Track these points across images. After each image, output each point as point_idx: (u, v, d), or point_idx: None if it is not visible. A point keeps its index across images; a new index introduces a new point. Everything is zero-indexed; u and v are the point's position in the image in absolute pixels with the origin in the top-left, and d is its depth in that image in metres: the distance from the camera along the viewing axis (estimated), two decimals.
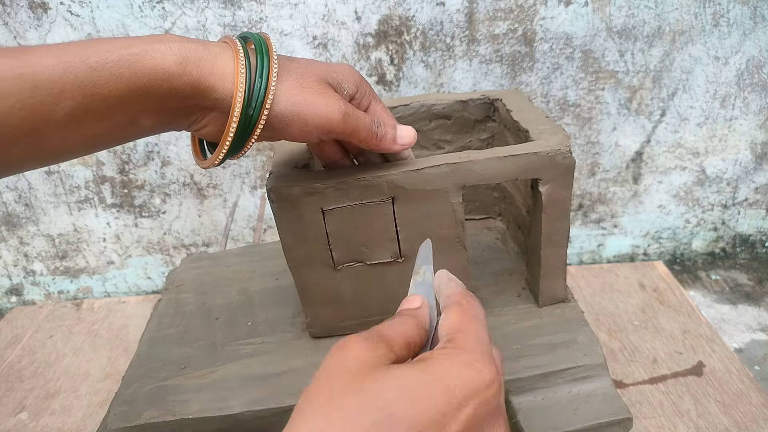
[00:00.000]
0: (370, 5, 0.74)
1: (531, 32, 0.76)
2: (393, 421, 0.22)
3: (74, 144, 0.31)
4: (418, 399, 0.22)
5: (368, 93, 0.39)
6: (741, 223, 0.92)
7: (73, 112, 0.29)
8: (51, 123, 0.29)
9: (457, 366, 0.24)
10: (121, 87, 0.30)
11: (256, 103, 0.33)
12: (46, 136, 0.29)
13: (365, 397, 0.22)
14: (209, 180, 0.86)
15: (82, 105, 0.29)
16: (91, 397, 0.70)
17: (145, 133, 0.34)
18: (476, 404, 0.23)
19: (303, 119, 0.34)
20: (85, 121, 0.30)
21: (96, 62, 0.29)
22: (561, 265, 0.47)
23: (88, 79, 0.29)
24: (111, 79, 0.30)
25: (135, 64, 0.30)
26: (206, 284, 0.58)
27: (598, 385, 0.42)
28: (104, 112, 0.30)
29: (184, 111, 0.33)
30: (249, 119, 0.33)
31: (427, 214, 0.42)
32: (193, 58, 0.31)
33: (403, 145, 0.40)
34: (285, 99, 0.34)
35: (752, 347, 0.75)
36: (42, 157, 0.31)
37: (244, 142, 0.34)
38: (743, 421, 0.59)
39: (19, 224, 0.89)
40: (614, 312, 0.77)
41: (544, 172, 0.42)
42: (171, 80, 0.31)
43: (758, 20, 0.76)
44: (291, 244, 0.43)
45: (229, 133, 0.33)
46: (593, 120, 0.82)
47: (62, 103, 0.29)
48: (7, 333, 0.83)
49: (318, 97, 0.35)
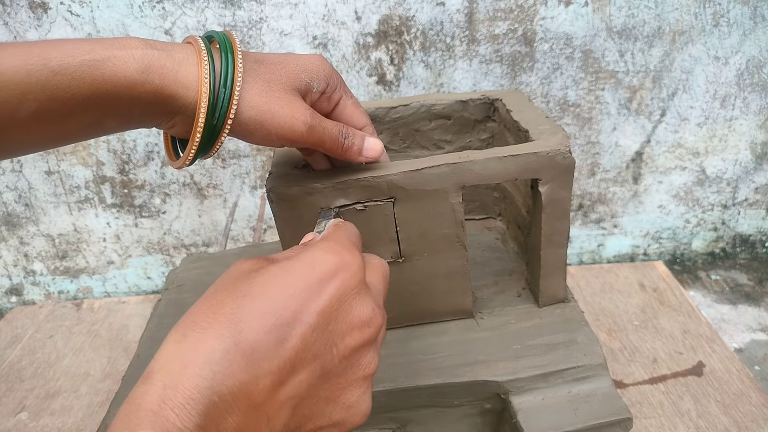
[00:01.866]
0: (370, 5, 0.74)
1: (531, 32, 0.76)
2: (257, 301, 0.24)
3: (41, 140, 0.32)
4: (281, 281, 0.25)
5: (339, 87, 0.38)
6: (741, 223, 0.92)
7: (36, 113, 0.29)
8: (15, 121, 0.29)
9: (318, 251, 0.26)
10: (83, 91, 0.30)
11: (219, 112, 0.32)
12: (11, 132, 0.30)
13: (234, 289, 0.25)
14: (209, 180, 0.86)
15: (45, 107, 0.29)
16: (91, 397, 0.70)
17: (112, 131, 0.34)
18: (337, 282, 0.25)
19: (266, 129, 0.34)
20: (49, 122, 0.30)
21: (57, 66, 0.29)
22: (561, 265, 0.47)
23: (50, 82, 0.29)
24: (72, 83, 0.29)
25: (96, 70, 0.30)
26: (206, 284, 0.57)
27: (598, 385, 0.42)
28: (68, 113, 0.30)
29: (150, 115, 0.33)
30: (213, 128, 0.33)
31: (427, 214, 0.42)
32: (155, 66, 0.31)
33: (368, 158, 0.40)
34: (249, 108, 0.33)
35: (752, 347, 0.75)
36: (10, 150, 0.32)
37: (210, 146, 0.34)
38: (743, 421, 0.59)
39: (19, 224, 0.89)
40: (614, 312, 0.77)
41: (544, 172, 0.42)
42: (133, 88, 0.31)
43: (758, 20, 0.76)
44: (291, 244, 0.43)
45: (195, 141, 0.33)
46: (593, 120, 0.82)
47: (25, 104, 0.29)
48: (7, 333, 0.83)
49: (283, 107, 0.34)
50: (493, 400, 0.43)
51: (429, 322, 0.48)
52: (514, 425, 0.41)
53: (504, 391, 0.42)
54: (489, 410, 0.44)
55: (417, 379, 0.43)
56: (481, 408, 0.44)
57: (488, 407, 0.44)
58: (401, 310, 0.47)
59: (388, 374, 0.43)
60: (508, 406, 0.42)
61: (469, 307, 0.47)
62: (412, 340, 0.46)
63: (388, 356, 0.45)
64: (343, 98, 0.39)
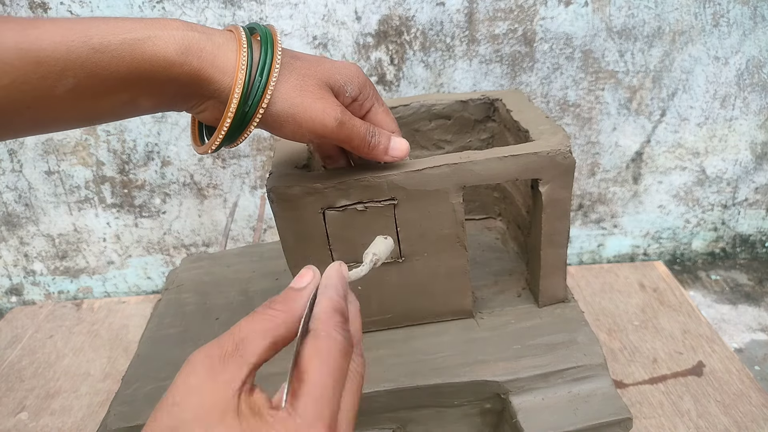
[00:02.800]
0: (370, 5, 0.74)
1: (531, 32, 0.76)
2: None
3: (74, 117, 0.32)
4: None
5: (371, 95, 0.39)
6: (741, 223, 0.92)
7: (74, 90, 0.30)
8: (52, 98, 0.29)
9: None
10: (122, 69, 0.30)
11: (253, 100, 0.33)
12: (47, 109, 0.30)
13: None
14: (209, 180, 0.86)
15: (83, 83, 0.30)
16: (91, 397, 0.70)
17: (145, 112, 0.34)
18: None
19: (297, 122, 0.34)
20: (85, 98, 0.31)
21: (98, 43, 0.29)
22: (561, 265, 0.47)
23: (90, 59, 0.29)
24: (112, 61, 0.30)
25: (136, 50, 0.30)
26: (206, 284, 0.58)
27: (598, 385, 0.42)
28: (104, 91, 0.31)
29: (183, 97, 0.33)
30: (244, 115, 0.33)
31: (427, 215, 0.43)
32: (195, 49, 0.31)
33: (394, 157, 0.40)
34: (282, 99, 0.34)
35: (752, 347, 0.75)
36: (43, 126, 0.32)
37: (238, 134, 0.34)
38: (743, 421, 0.59)
39: (19, 224, 0.89)
40: (614, 312, 0.77)
41: (544, 172, 0.42)
42: (171, 68, 0.31)
43: (758, 20, 0.76)
44: (291, 244, 0.43)
45: (224, 126, 0.33)
46: (593, 120, 0.82)
47: (64, 80, 0.29)
48: (7, 333, 0.83)
49: (316, 101, 0.35)
50: (493, 400, 0.43)
51: (429, 322, 0.48)
52: (514, 425, 0.41)
53: (504, 391, 0.42)
54: (489, 410, 0.44)
55: (417, 379, 0.43)
56: (481, 408, 0.44)
57: (488, 407, 0.44)
58: (401, 310, 0.47)
59: (388, 374, 0.43)
60: (508, 406, 0.42)
61: (469, 307, 0.48)
62: (412, 340, 0.46)
63: (388, 356, 0.45)
64: (375, 106, 0.39)
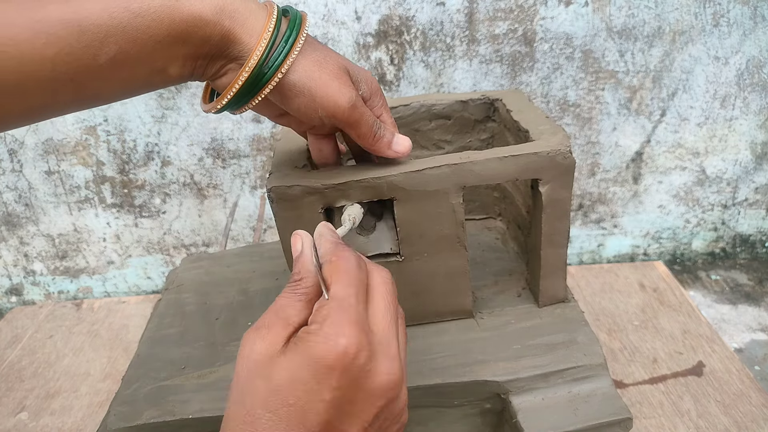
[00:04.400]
0: (370, 5, 0.74)
1: (531, 32, 0.76)
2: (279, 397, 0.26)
3: (111, 90, 0.33)
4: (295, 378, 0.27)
5: (381, 104, 0.40)
6: (741, 223, 0.92)
7: (115, 57, 0.31)
8: (94, 68, 0.30)
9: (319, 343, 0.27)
10: (161, 32, 0.31)
11: (274, 63, 0.34)
12: (88, 80, 0.31)
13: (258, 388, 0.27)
14: (209, 180, 0.86)
15: (123, 50, 0.31)
16: (91, 397, 0.70)
17: (172, 82, 0.35)
18: (340, 371, 0.27)
19: (312, 95, 0.35)
20: (124, 67, 0.31)
21: (138, 8, 0.30)
22: (561, 265, 0.47)
23: (131, 24, 0.30)
24: (152, 24, 0.31)
25: (174, 11, 0.31)
26: (206, 284, 0.58)
27: (598, 385, 0.42)
28: (141, 57, 0.32)
29: (210, 59, 0.34)
30: (261, 76, 0.34)
31: (427, 215, 0.43)
32: (228, 9, 0.33)
33: (397, 152, 0.41)
34: (302, 70, 0.35)
35: (752, 347, 0.75)
36: (82, 101, 0.33)
37: (250, 96, 0.35)
38: (743, 421, 0.59)
39: (19, 224, 0.89)
40: (614, 312, 0.77)
41: (544, 172, 0.42)
42: (205, 27, 0.32)
43: (758, 20, 0.76)
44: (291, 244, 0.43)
45: (238, 81, 0.34)
46: (593, 120, 0.82)
47: (106, 48, 0.30)
48: (7, 333, 0.83)
49: (334, 80, 0.35)
50: (493, 400, 0.43)
51: (429, 322, 0.48)
52: (514, 425, 0.41)
53: (504, 391, 0.42)
54: (489, 410, 0.44)
55: (417, 379, 0.43)
56: (481, 408, 0.44)
57: (488, 407, 0.44)
58: (401, 310, 0.47)
59: None
60: (508, 406, 0.42)
61: (469, 307, 0.48)
62: (412, 340, 0.46)
63: None
64: (383, 115, 0.41)
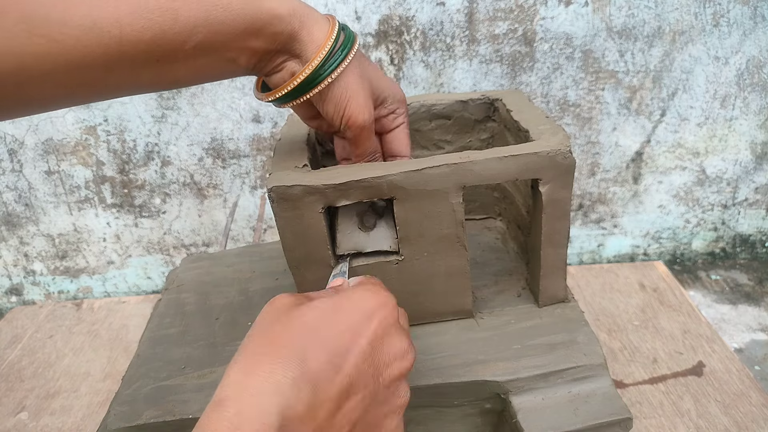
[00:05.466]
0: (370, 5, 0.74)
1: (531, 32, 0.76)
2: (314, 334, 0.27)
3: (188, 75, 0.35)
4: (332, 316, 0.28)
5: (404, 115, 0.44)
6: (741, 223, 0.92)
7: (198, 45, 0.33)
8: (180, 53, 0.33)
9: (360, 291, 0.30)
10: (240, 26, 0.34)
11: (329, 68, 0.37)
12: (171, 64, 0.33)
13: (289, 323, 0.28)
14: (209, 180, 0.86)
15: (206, 39, 0.33)
16: (91, 397, 0.70)
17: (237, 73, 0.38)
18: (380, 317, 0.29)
19: (344, 104, 0.39)
20: (204, 54, 0.34)
21: (227, 2, 0.33)
22: (561, 265, 0.47)
23: (218, 17, 0.33)
24: (236, 18, 0.34)
25: (256, 7, 0.34)
26: (206, 284, 0.58)
27: (598, 385, 0.42)
28: (219, 46, 0.34)
29: (275, 53, 0.37)
30: (317, 76, 0.37)
31: (427, 215, 0.42)
32: (300, 13, 0.36)
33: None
34: (346, 81, 0.39)
35: (752, 347, 0.75)
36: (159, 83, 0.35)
37: (301, 93, 0.39)
38: (743, 421, 0.59)
39: (19, 224, 0.89)
40: (614, 312, 0.77)
41: (544, 172, 0.42)
42: (278, 24, 0.35)
43: (758, 20, 0.76)
44: (291, 244, 0.43)
45: (300, 77, 0.37)
46: (593, 120, 0.82)
47: (194, 36, 0.33)
48: (7, 333, 0.83)
49: (366, 97, 0.40)
50: (493, 400, 0.43)
51: (429, 322, 0.48)
52: (514, 425, 0.41)
53: (504, 391, 0.42)
54: (489, 410, 0.44)
55: (417, 379, 0.43)
56: (481, 408, 0.44)
57: (488, 407, 0.44)
58: None
59: None
60: (508, 406, 0.42)
61: (469, 307, 0.48)
62: (412, 340, 0.46)
63: None
64: (404, 125, 0.45)
